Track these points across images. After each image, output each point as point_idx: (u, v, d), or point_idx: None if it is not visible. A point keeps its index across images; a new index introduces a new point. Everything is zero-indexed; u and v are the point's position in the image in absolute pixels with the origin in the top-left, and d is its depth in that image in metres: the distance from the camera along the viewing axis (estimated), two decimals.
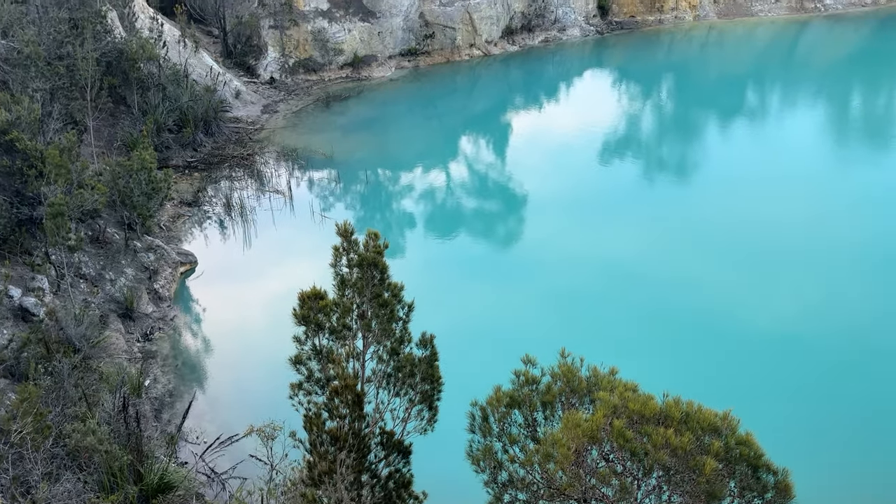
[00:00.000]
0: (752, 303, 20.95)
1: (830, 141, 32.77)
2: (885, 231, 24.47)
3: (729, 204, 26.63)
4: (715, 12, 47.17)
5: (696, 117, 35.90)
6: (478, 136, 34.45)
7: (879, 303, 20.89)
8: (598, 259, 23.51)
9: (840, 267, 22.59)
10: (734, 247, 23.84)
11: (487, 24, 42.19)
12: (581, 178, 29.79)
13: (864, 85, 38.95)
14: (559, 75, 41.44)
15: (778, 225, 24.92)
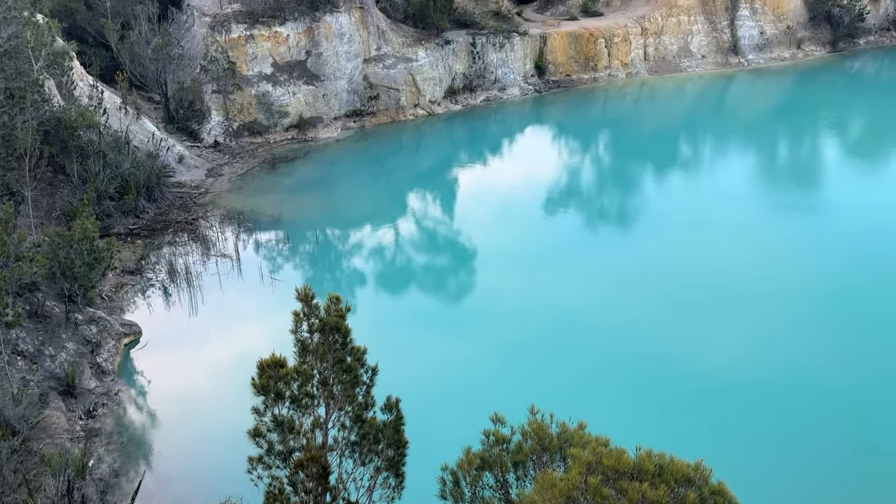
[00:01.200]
0: (700, 345, 21.46)
1: (759, 188, 34.32)
2: (817, 272, 25.56)
3: (670, 250, 27.46)
4: (646, 69, 49.50)
5: (633, 169, 37.18)
6: (425, 193, 34.80)
7: (819, 342, 21.66)
8: (550, 308, 23.77)
9: (778, 308, 23.41)
10: (678, 291, 24.48)
11: (430, 85, 43.16)
12: (528, 229, 30.30)
13: (787, 134, 41.20)
14: (502, 132, 42.50)
15: (716, 269, 25.80)
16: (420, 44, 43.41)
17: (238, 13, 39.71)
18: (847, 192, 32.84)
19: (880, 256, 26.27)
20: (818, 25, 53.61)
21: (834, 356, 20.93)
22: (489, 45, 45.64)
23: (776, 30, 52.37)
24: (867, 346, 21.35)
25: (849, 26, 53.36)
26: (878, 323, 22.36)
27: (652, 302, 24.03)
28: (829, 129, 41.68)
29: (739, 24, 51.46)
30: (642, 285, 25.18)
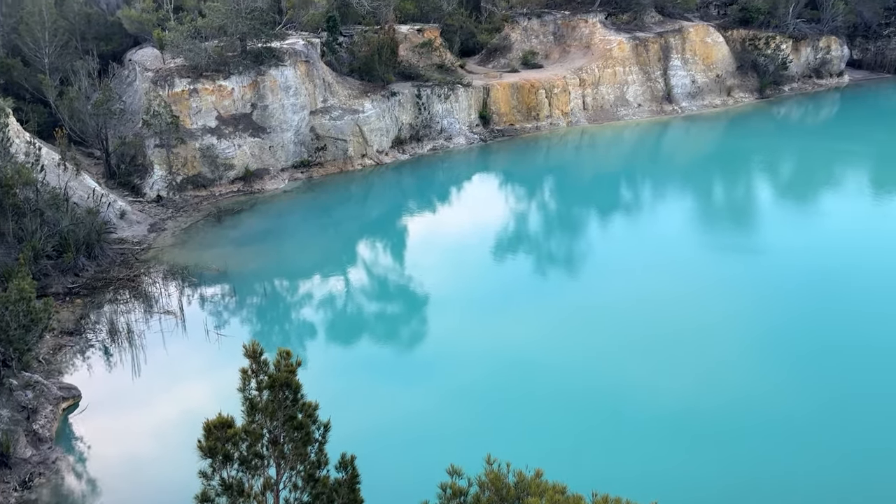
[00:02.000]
0: (650, 382, 21.78)
1: (698, 230, 35.49)
2: (756, 308, 26.41)
3: (616, 291, 27.99)
4: (585, 118, 51.15)
5: (577, 213, 38.05)
6: (375, 241, 34.77)
7: (761, 374, 22.26)
8: (503, 352, 23.85)
9: (721, 343, 24.06)
10: (626, 331, 24.91)
11: (377, 135, 43.58)
12: (478, 274, 30.52)
13: (722, 177, 42.91)
14: (449, 180, 43.04)
15: (661, 307, 26.41)
16: (366, 95, 43.96)
17: (181, 68, 39.57)
18: (780, 232, 34.20)
19: (814, 292, 27.33)
20: (746, 74, 56.56)
21: (775, 387, 21.54)
22: (434, 96, 46.55)
23: (707, 78, 55.00)
24: (806, 375, 22.08)
25: (774, 74, 56.45)
26: (815, 354, 23.17)
27: (602, 342, 24.35)
28: (761, 172, 43.61)
29: (672, 73, 53.88)
30: (591, 326, 25.54)
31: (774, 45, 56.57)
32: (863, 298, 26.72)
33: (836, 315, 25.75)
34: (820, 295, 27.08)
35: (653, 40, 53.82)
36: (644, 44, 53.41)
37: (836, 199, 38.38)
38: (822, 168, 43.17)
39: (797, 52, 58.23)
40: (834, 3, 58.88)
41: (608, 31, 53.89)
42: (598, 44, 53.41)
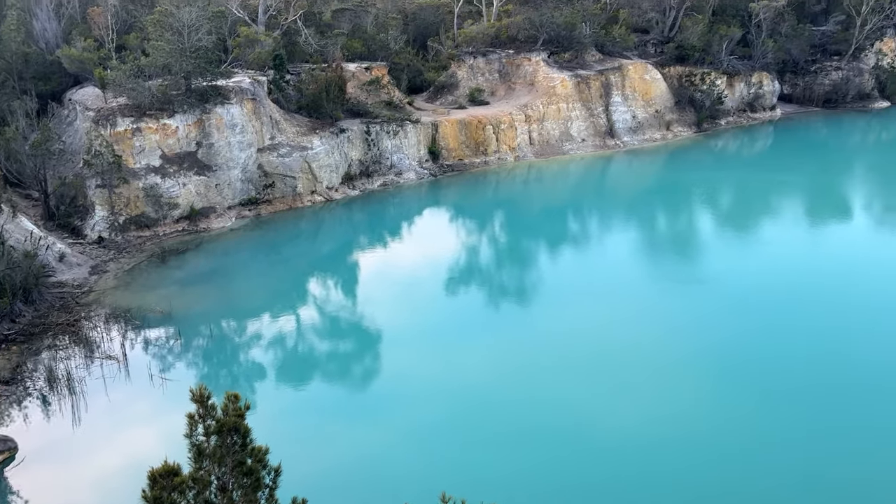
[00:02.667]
0: (601, 412, 21.96)
1: (644, 260, 36.31)
2: (702, 337, 27.03)
3: (567, 323, 28.30)
4: (532, 153, 52.18)
5: (527, 245, 38.50)
6: (326, 278, 34.43)
7: (710, 403, 22.70)
8: (457, 386, 23.74)
9: (669, 372, 24.45)
10: (577, 362, 25.15)
11: (327, 171, 43.49)
12: (431, 309, 30.46)
13: (664, 209, 44.14)
14: (400, 215, 43.14)
15: (611, 338, 26.77)
16: (315, 132, 43.95)
17: (124, 107, 38.90)
18: (722, 260, 35.27)
19: (757, 319, 28.15)
20: (683, 109, 58.76)
21: (723, 414, 21.96)
22: (383, 132, 46.86)
23: (647, 114, 56.91)
24: (753, 403, 22.56)
25: (710, 108, 58.82)
26: (759, 380, 23.76)
27: (553, 373, 24.48)
28: (702, 204, 45.05)
29: (613, 109, 55.59)
30: (543, 357, 25.67)
31: (710, 80, 59.06)
32: (802, 319, 27.69)
33: (777, 336, 26.53)
34: (760, 318, 27.90)
35: (594, 78, 55.55)
36: (586, 81, 55.06)
37: (774, 228, 39.84)
38: (759, 198, 44.86)
39: (731, 88, 60.87)
40: (764, 41, 61.99)
41: (551, 70, 55.41)
42: (542, 81, 54.82)
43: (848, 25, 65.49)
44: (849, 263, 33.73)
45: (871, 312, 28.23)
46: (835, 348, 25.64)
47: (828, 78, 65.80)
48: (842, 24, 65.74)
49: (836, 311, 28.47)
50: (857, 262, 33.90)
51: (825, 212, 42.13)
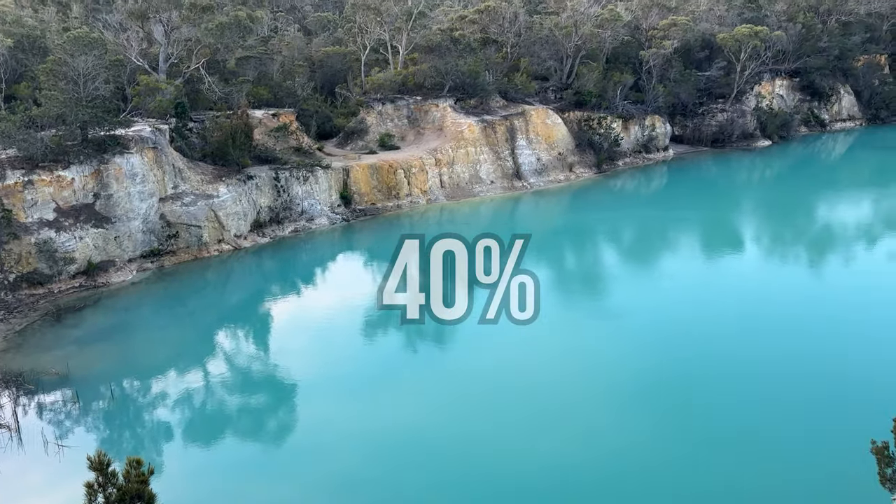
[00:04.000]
0: (529, 447, 22.12)
1: (556, 296, 37.27)
2: (618, 368, 27.90)
3: (487, 358, 28.53)
4: (444, 195, 52.98)
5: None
6: (235, 329, 33.30)
7: (630, 427, 23.34)
8: (379, 432, 23.32)
9: (590, 401, 25.03)
10: (497, 398, 25.35)
11: (234, 219, 42.49)
12: (349, 354, 29.97)
13: (571, 247, 45.64)
14: (313, 261, 42.54)
15: (529, 370, 27.22)
16: (221, 180, 42.97)
17: (14, 159, 36.78)
18: (631, 295, 36.69)
19: (668, 349, 29.35)
20: (584, 151, 61.42)
21: (641, 439, 22.59)
22: (293, 178, 46.41)
23: (550, 156, 59.10)
24: (670, 429, 23.36)
25: (608, 150, 61.78)
26: (676, 408, 24.66)
27: (472, 413, 24.53)
28: (608, 241, 46.87)
29: (519, 152, 57.46)
30: (463, 398, 25.69)
31: (606, 124, 62.16)
32: (709, 345, 29.09)
33: (687, 366, 27.70)
34: (676, 354, 29.09)
35: (499, 122, 57.37)
36: (492, 126, 56.77)
37: (675, 262, 41.90)
38: (660, 235, 47.15)
39: (627, 130, 64.25)
40: (654, 86, 66.02)
41: (458, 115, 56.84)
42: (450, 126, 56.09)
43: (729, 71, 70.79)
44: (745, 292, 35.82)
45: (768, 335, 30.03)
46: (735, 370, 27.01)
47: (714, 120, 70.62)
48: (724, 70, 71.01)
49: (737, 336, 30.08)
50: (752, 291, 36.05)
51: (721, 245, 44.72)
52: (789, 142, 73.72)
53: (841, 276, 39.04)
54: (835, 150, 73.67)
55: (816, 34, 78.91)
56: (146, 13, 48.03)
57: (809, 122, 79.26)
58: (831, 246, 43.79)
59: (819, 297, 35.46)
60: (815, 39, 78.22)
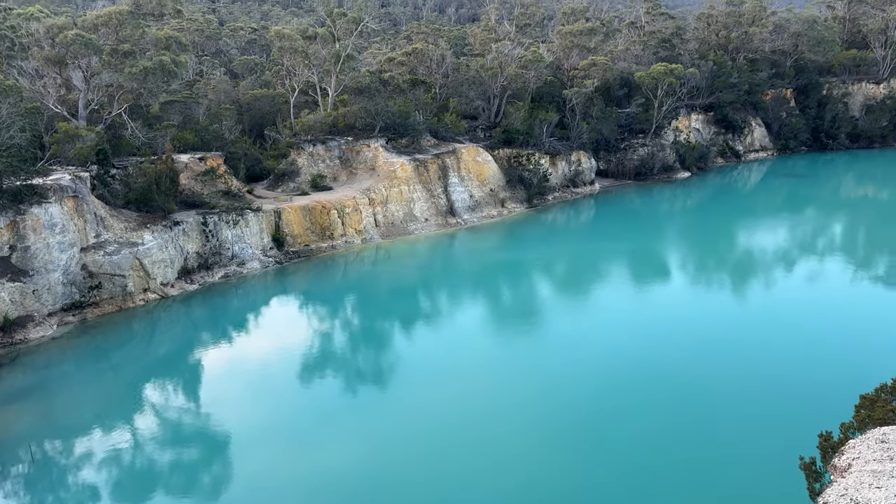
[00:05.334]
0: (466, 485, 21.92)
1: (491, 330, 37.53)
2: (552, 397, 28.15)
3: (429, 400, 28.27)
4: (379, 235, 52.86)
5: (381, 326, 38.39)
6: (164, 382, 31.94)
7: (549, 455, 23.46)
8: (316, 480, 22.63)
9: (521, 432, 25.08)
10: (437, 438, 25.05)
11: (161, 267, 41.13)
12: (284, 399, 29.16)
13: (505, 280, 46.14)
14: (246, 307, 41.45)
15: (464, 407, 27.11)
16: (146, 227, 41.66)
17: None
18: (562, 325, 37.25)
19: (598, 381, 29.82)
20: (515, 187, 62.65)
21: (574, 468, 22.73)
22: (222, 222, 45.44)
23: (482, 192, 60.01)
24: (590, 458, 23.60)
25: (538, 186, 63.23)
26: (610, 436, 24.98)
27: (412, 453, 24.14)
28: (541, 273, 47.62)
29: (452, 190, 58.13)
30: (405, 437, 25.29)
31: (535, 161, 63.74)
32: (642, 374, 29.70)
33: (620, 395, 28.18)
34: (607, 384, 29.55)
35: (431, 161, 58.02)
36: (424, 164, 57.35)
37: (609, 291, 42.87)
38: (591, 266, 48.27)
39: (555, 166, 66.01)
40: (578, 123, 68.30)
41: (390, 155, 57.21)
42: (383, 166, 56.34)
43: (648, 107, 74.00)
44: (674, 320, 36.94)
45: (697, 360, 30.94)
46: (668, 396, 27.64)
47: (636, 154, 73.44)
48: (643, 106, 74.20)
49: (669, 362, 30.86)
50: (681, 318, 37.21)
51: (650, 274, 46.08)
52: (707, 173, 77.30)
53: (763, 299, 40.76)
54: (750, 179, 77.61)
55: (727, 71, 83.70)
56: (64, 59, 46.72)
57: (725, 154, 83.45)
58: (752, 271, 45.78)
59: (744, 319, 36.88)
60: (725, 76, 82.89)
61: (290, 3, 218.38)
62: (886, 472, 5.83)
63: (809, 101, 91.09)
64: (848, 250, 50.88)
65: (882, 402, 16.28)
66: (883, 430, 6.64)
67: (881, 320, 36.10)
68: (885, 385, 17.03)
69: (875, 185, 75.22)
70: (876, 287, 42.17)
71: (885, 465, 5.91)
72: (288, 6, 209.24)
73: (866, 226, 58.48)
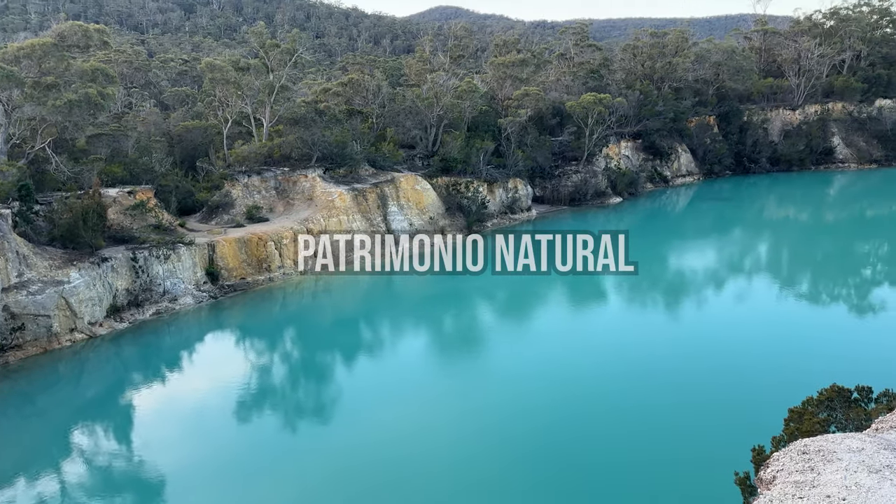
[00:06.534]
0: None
1: (435, 358, 37.46)
2: (487, 420, 28.22)
3: (369, 431, 27.85)
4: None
5: (322, 358, 37.76)
6: (94, 426, 30.46)
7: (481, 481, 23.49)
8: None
9: (460, 460, 25.01)
10: (383, 474, 24.65)
11: (88, 305, 39.48)
12: (222, 439, 28.17)
13: (448, 310, 46.23)
14: (179, 344, 40.10)
15: (407, 441, 26.85)
16: (72, 264, 40.00)
17: None
18: (503, 351, 37.51)
19: (537, 405, 30.09)
20: (454, 214, 63.15)
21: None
22: (153, 257, 44.06)
23: (422, 220, 60.23)
24: (537, 482, 23.73)
25: (477, 213, 63.91)
26: (542, 461, 25.15)
27: (358, 490, 23.67)
28: (481, 300, 47.92)
29: (391, 218, 58.13)
30: (346, 475, 24.78)
31: (473, 188, 64.51)
32: (585, 399, 30.12)
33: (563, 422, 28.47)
34: (536, 410, 29.82)
35: (370, 190, 57.96)
36: (363, 194, 57.22)
37: (546, 316, 43.43)
38: (529, 291, 48.87)
39: (492, 193, 66.94)
40: (514, 151, 69.63)
41: (328, 184, 56.88)
42: (321, 196, 55.93)
43: (579, 135, 76.15)
44: (612, 340, 37.68)
45: (634, 381, 31.59)
46: (606, 417, 28.07)
47: (570, 180, 75.27)
48: (574, 135, 76.33)
49: (607, 384, 31.39)
50: (617, 339, 38.00)
51: (585, 298, 46.96)
52: (638, 198, 79.84)
53: (696, 318, 42.07)
54: (678, 203, 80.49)
55: (653, 99, 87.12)
56: None
57: (654, 179, 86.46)
58: (684, 292, 47.26)
59: (677, 340, 37.92)
60: (652, 104, 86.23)
61: (221, 35, 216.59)
62: (808, 482, 6.06)
63: (731, 128, 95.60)
64: (774, 269, 53.18)
65: (809, 415, 16.95)
66: (804, 442, 6.92)
67: (808, 335, 37.75)
68: (812, 398, 17.77)
69: (795, 206, 79.17)
70: (801, 303, 44.13)
71: (806, 475, 6.15)
72: (220, 37, 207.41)
73: (790, 245, 61.34)
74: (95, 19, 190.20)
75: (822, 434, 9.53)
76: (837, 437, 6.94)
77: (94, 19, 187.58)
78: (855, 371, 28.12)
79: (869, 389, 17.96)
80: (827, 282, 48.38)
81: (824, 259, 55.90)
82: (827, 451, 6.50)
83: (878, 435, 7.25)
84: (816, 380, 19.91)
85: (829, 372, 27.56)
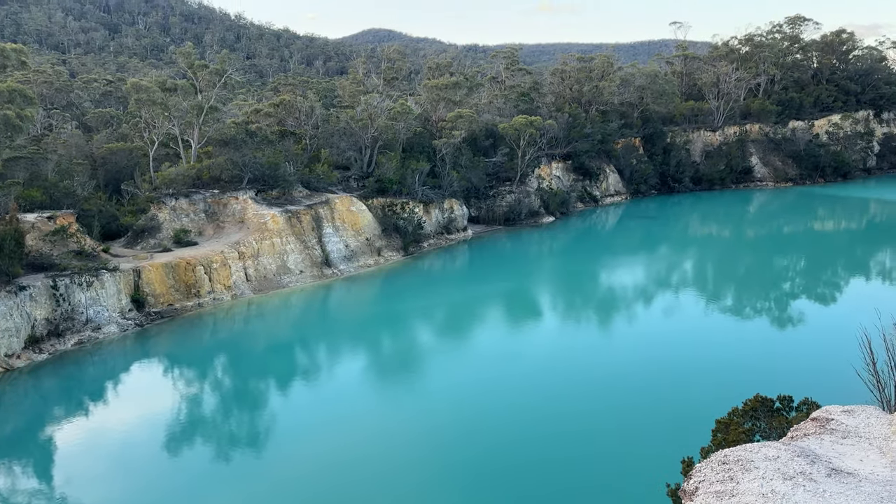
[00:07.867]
0: None
1: (373, 381, 37.08)
2: (436, 440, 28.11)
3: (306, 460, 27.24)
4: (250, 289, 51.04)
5: (254, 385, 36.79)
6: (11, 463, 28.68)
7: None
8: None
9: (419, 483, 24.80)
10: (323, 498, 24.14)
11: (5, 337, 37.38)
12: (150, 473, 26.99)
13: (386, 331, 45.93)
14: (103, 374, 38.33)
15: (349, 464, 26.43)
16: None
17: None
18: (439, 372, 37.47)
19: (477, 423, 30.14)
20: (390, 235, 63.03)
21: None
22: (74, 285, 42.17)
23: (358, 242, 59.83)
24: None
25: (413, 233, 63.98)
26: (479, 477, 25.18)
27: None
28: (417, 320, 47.84)
29: (326, 240, 57.52)
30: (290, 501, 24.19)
31: (409, 209, 64.61)
32: (521, 415, 30.34)
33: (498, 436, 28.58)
34: (491, 431, 29.90)
35: (304, 212, 57.26)
36: (296, 216, 56.46)
37: (481, 335, 43.68)
38: (468, 310, 49.12)
39: (429, 214, 67.19)
40: (449, 172, 70.21)
41: (260, 206, 55.90)
42: (253, 218, 54.87)
43: (512, 157, 77.53)
44: (545, 355, 38.18)
45: (567, 396, 32.06)
46: (540, 431, 28.36)
47: (504, 200, 76.38)
48: (507, 156, 77.68)
49: (542, 400, 31.74)
50: (551, 354, 38.53)
51: (523, 316, 47.54)
52: (569, 217, 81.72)
53: (627, 333, 43.12)
54: (607, 221, 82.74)
55: (581, 122, 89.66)
56: None
57: (584, 199, 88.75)
58: (615, 307, 48.42)
59: (610, 354, 38.76)
60: (580, 127, 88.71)
61: (148, 55, 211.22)
62: (727, 491, 6.28)
63: (656, 149, 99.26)
64: (699, 284, 55.16)
65: (735, 425, 17.56)
66: (724, 452, 7.18)
67: (733, 347, 39.20)
68: (737, 409, 18.42)
69: (717, 223, 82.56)
70: (726, 317, 45.85)
71: (726, 485, 6.37)
72: (146, 58, 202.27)
73: (713, 261, 63.81)
74: (13, 38, 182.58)
75: (746, 443, 9.90)
76: (756, 445, 7.23)
77: (11, 38, 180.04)
78: (777, 381, 29.41)
79: (790, 399, 18.76)
80: (750, 296, 50.49)
81: (746, 274, 58.39)
82: (745, 461, 6.76)
83: (793, 443, 7.59)
84: (743, 390, 20.68)
85: (754, 382, 28.72)
